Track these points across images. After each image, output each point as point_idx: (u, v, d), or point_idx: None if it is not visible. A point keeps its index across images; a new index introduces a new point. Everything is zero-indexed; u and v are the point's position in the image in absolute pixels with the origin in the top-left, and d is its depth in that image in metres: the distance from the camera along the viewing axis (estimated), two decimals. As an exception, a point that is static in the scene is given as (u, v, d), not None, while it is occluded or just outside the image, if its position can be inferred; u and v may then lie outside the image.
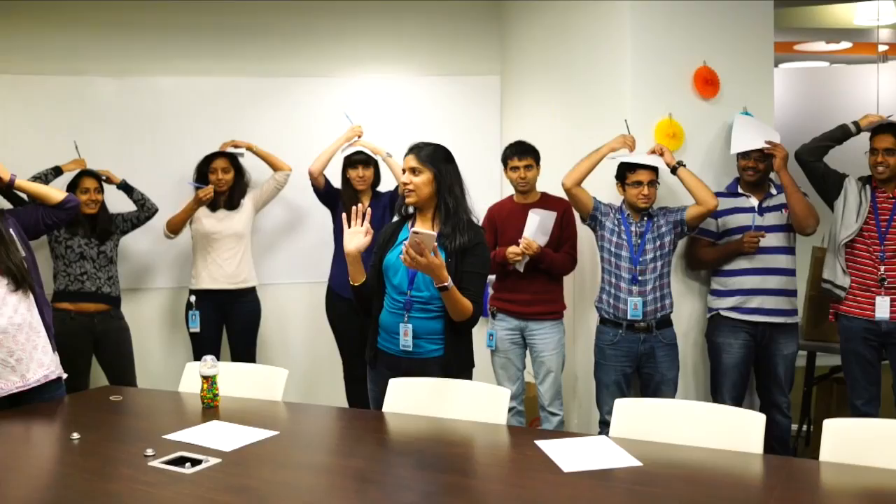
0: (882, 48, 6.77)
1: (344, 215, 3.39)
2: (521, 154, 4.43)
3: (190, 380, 3.53)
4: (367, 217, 3.33)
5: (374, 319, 3.43)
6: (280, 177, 5.29)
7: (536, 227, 4.25)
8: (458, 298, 3.20)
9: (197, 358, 3.50)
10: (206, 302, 5.10)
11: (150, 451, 2.66)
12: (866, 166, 4.20)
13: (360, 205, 3.38)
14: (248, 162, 5.29)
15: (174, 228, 5.16)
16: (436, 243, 3.12)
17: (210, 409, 3.20)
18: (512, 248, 4.31)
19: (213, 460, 2.61)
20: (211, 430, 2.92)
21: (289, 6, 5.68)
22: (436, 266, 3.11)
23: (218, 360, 3.30)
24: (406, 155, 3.37)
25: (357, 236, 3.30)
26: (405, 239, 3.35)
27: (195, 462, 2.58)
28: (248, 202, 5.22)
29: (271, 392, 3.45)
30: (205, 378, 3.23)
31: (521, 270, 4.37)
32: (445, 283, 3.14)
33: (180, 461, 2.60)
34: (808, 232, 4.33)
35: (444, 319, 3.31)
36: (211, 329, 5.11)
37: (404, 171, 3.36)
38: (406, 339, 3.32)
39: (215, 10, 5.60)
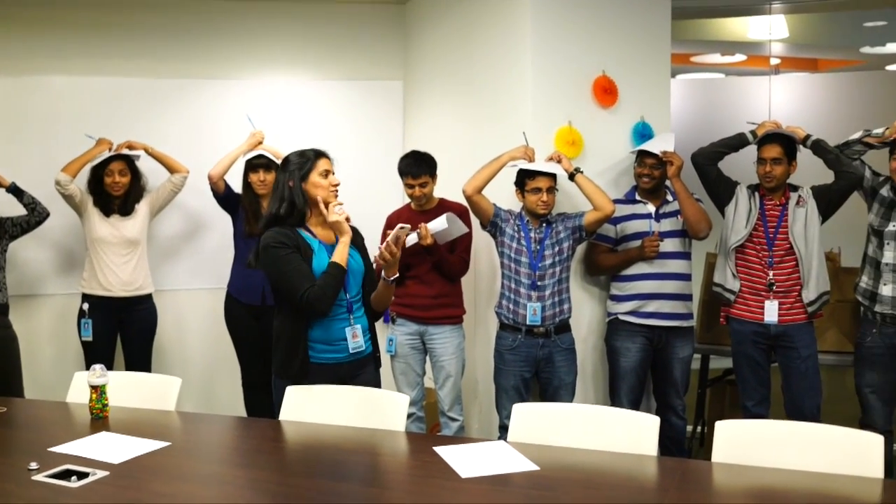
0: (774, 61, 7.02)
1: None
2: (416, 172, 4.42)
3: (79, 390, 3.41)
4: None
5: (298, 336, 3.31)
6: (177, 179, 5.17)
7: (440, 230, 4.25)
8: (392, 290, 3.43)
9: (90, 367, 3.39)
10: (100, 310, 4.94)
11: (33, 465, 2.56)
12: (755, 175, 4.33)
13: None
14: (146, 166, 5.15)
15: (72, 172, 4.94)
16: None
17: (99, 420, 3.10)
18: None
19: (101, 473, 2.52)
20: (99, 441, 2.82)
21: (189, 6, 5.57)
22: (397, 260, 3.33)
23: (112, 369, 3.21)
24: (324, 158, 3.38)
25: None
26: (319, 245, 3.31)
27: (81, 475, 2.50)
28: (143, 207, 5.07)
29: (164, 402, 3.35)
30: (93, 388, 3.13)
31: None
32: (396, 276, 3.35)
33: (66, 475, 2.51)
34: (701, 237, 4.43)
35: (367, 313, 3.45)
36: (104, 338, 4.95)
37: (326, 173, 3.34)
38: (356, 341, 3.35)
39: (112, 8, 5.45)
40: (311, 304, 3.20)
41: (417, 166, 4.44)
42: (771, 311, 4.25)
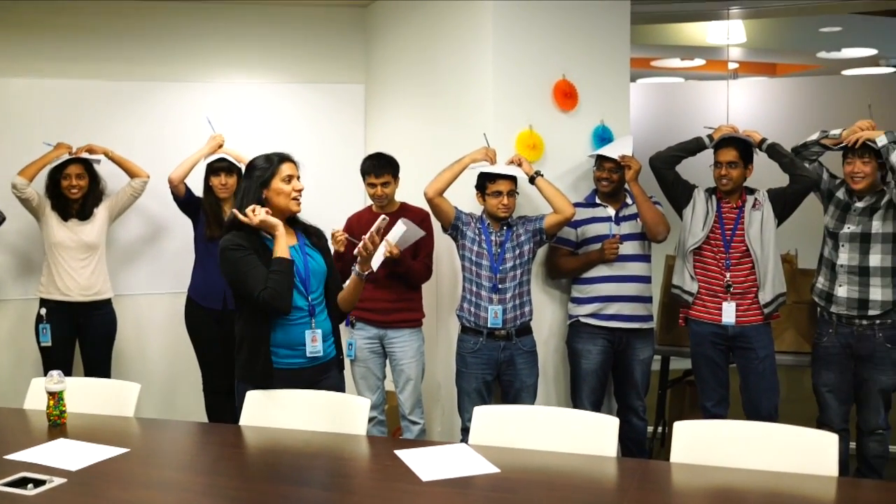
0: (732, 66, 7.11)
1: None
2: (378, 171, 4.44)
3: (36, 396, 3.37)
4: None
5: (260, 339, 3.29)
6: (137, 184, 5.12)
7: (400, 236, 4.24)
8: (361, 286, 3.41)
9: (48, 373, 3.36)
10: (58, 315, 4.88)
11: (-12, 473, 2.53)
12: (711, 178, 4.38)
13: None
14: (106, 170, 5.09)
15: (29, 175, 4.86)
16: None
17: (56, 426, 3.06)
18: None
19: (58, 480, 2.50)
20: (57, 448, 2.80)
21: (149, 8, 5.52)
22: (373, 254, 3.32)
23: (71, 375, 3.17)
24: (288, 162, 3.37)
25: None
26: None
27: (38, 483, 2.47)
28: (102, 211, 5.02)
29: (123, 408, 3.32)
30: (50, 394, 3.09)
31: (374, 270, 4.29)
32: (372, 270, 3.34)
33: (22, 482, 2.48)
34: (659, 239, 4.47)
35: (331, 316, 3.43)
36: (63, 343, 4.89)
37: (289, 178, 3.33)
38: (315, 346, 3.31)
39: (72, 9, 5.37)
40: (268, 302, 3.18)
41: (380, 165, 4.44)
42: (728, 313, 4.30)
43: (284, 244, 3.24)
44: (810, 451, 2.62)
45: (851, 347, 4.20)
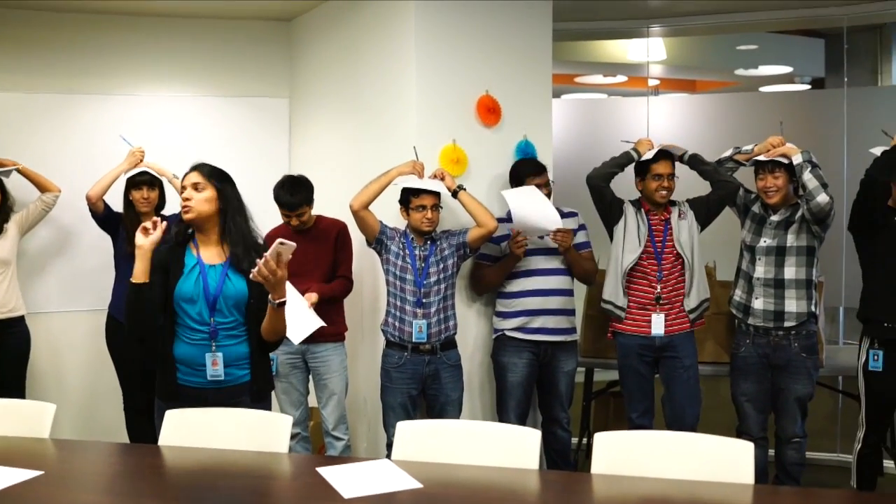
0: (653, 82, 7.23)
1: (157, 219, 3.19)
2: (292, 207, 4.41)
3: (-55, 418, 3.25)
4: (162, 228, 3.18)
5: (166, 354, 3.25)
6: (48, 198, 5.00)
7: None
8: (283, 316, 3.16)
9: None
10: (-31, 334, 4.74)
11: None
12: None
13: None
14: (13, 183, 4.95)
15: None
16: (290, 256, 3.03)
17: (-34, 449, 2.97)
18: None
19: (-35, 506, 2.41)
20: (-35, 472, 2.70)
21: (69, 19, 5.41)
22: (284, 280, 3.05)
23: (-18, 395, 3.07)
24: (189, 172, 3.27)
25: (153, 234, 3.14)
26: (195, 265, 3.24)
27: (-56, 509, 2.38)
28: (12, 226, 4.88)
29: (38, 429, 3.22)
30: (-40, 416, 2.99)
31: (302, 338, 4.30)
32: (284, 299, 3.09)
33: (-74, 508, 2.39)
34: (592, 283, 4.65)
35: (250, 343, 3.25)
36: (-26, 363, 4.75)
37: (184, 187, 3.25)
38: (216, 369, 3.21)
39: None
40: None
41: (293, 196, 4.40)
42: (658, 324, 4.36)
43: (138, 266, 3.13)
44: (728, 460, 2.67)
45: (768, 358, 4.30)
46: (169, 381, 3.26)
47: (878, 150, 4.28)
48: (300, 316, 4.18)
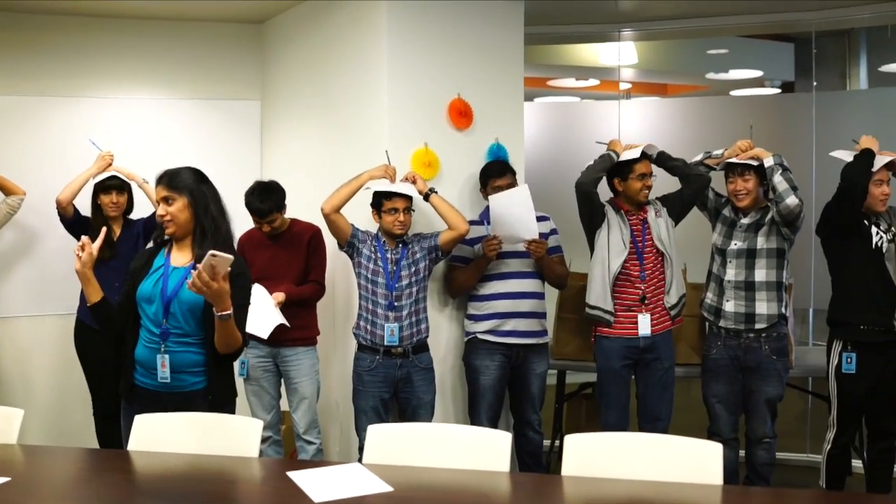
0: (625, 86, 7.29)
1: (84, 238, 3.19)
2: (261, 213, 4.38)
3: None
4: (101, 239, 3.23)
5: (128, 353, 3.27)
6: (13, 202, 4.94)
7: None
8: (234, 329, 3.08)
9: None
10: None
11: None
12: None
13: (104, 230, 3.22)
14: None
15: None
16: (230, 268, 2.95)
17: (-70, 456, 2.92)
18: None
19: (-71, 513, 2.38)
20: (-71, 479, 2.66)
21: (38, 20, 5.35)
22: (224, 293, 2.97)
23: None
24: (156, 186, 3.25)
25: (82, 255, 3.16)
26: (161, 266, 3.23)
27: None
28: (-24, 230, 4.85)
29: (5, 435, 3.17)
30: (-76, 422, 2.95)
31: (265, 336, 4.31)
32: (228, 312, 3.01)
33: None
34: (563, 287, 4.64)
35: (206, 351, 3.19)
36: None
37: (158, 202, 3.24)
38: (164, 371, 3.18)
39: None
40: None
41: (263, 203, 4.37)
42: (644, 325, 4.37)
43: (84, 289, 3.23)
44: (697, 461, 2.68)
45: (739, 360, 4.32)
46: (127, 381, 3.28)
47: (838, 154, 4.33)
48: (263, 312, 4.18)
